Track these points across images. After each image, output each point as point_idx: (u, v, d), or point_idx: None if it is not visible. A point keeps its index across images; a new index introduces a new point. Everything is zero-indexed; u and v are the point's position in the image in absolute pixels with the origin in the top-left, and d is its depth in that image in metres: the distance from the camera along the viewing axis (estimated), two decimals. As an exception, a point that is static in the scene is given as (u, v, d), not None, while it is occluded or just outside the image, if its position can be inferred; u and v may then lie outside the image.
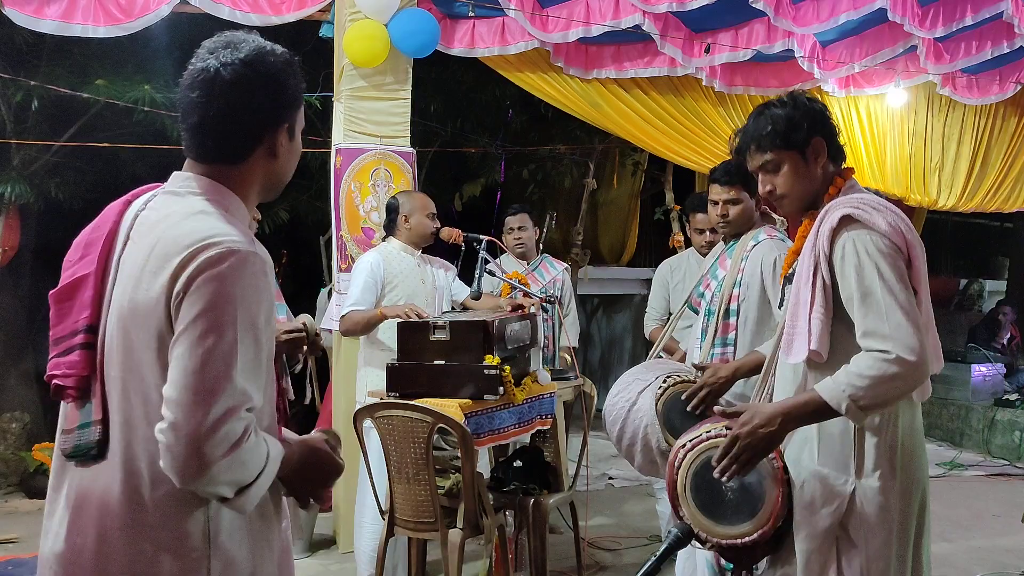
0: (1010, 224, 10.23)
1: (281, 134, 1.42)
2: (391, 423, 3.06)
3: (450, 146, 7.56)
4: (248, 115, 1.38)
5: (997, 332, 8.26)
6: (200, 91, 1.36)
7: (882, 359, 1.75)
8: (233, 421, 1.24)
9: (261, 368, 1.32)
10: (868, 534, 1.87)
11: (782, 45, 5.15)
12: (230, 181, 1.41)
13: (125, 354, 1.32)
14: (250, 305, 1.29)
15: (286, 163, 1.46)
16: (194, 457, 1.22)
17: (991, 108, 6.58)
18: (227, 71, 1.35)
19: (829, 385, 1.80)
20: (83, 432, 1.34)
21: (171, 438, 1.23)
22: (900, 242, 1.84)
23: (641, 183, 8.97)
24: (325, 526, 4.59)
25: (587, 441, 3.86)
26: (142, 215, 1.40)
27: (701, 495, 1.94)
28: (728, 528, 1.92)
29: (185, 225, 1.32)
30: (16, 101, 5.45)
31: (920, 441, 1.97)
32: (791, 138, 1.99)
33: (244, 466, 1.27)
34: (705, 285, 3.19)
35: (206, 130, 1.38)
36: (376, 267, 3.57)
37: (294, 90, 1.44)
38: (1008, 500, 5.32)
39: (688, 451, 1.99)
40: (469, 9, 4.75)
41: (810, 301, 1.88)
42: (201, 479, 1.24)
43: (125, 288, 1.33)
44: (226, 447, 1.23)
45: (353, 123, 4.40)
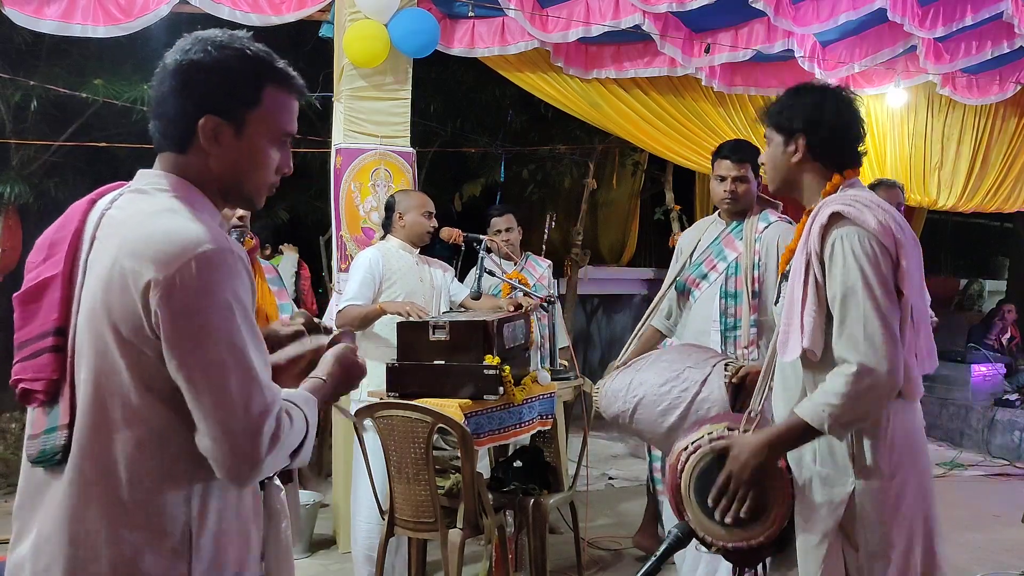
0: (1010, 224, 10.24)
1: (215, 124, 1.37)
2: (391, 423, 3.06)
3: (450, 146, 7.56)
4: (177, 98, 1.37)
5: (992, 330, 8.25)
6: (154, 78, 1.41)
7: (851, 374, 1.78)
8: (271, 418, 1.27)
9: (265, 355, 1.35)
10: (868, 534, 1.87)
11: (782, 45, 5.15)
12: (186, 173, 1.40)
13: (99, 357, 1.29)
14: (240, 302, 1.29)
15: (233, 163, 1.41)
16: (247, 462, 1.26)
17: (991, 108, 6.57)
18: (169, 57, 1.38)
19: (807, 406, 1.83)
20: (49, 437, 1.32)
21: (221, 452, 1.26)
22: (889, 242, 1.84)
23: (641, 183, 8.97)
24: (325, 526, 4.59)
25: (587, 441, 3.85)
26: (108, 214, 1.37)
27: (705, 497, 1.94)
28: (732, 531, 1.92)
29: (155, 224, 1.30)
30: (15, 101, 5.46)
31: (920, 439, 1.96)
32: (780, 122, 2.04)
33: (289, 445, 1.32)
34: (710, 266, 3.18)
35: (152, 114, 1.42)
36: (375, 263, 3.57)
37: (234, 85, 1.39)
38: (1008, 500, 5.32)
39: (691, 454, 1.99)
40: (469, 9, 4.74)
41: (802, 299, 1.89)
42: (256, 476, 1.30)
43: (95, 290, 1.30)
44: (269, 442, 1.27)
45: (353, 123, 4.40)
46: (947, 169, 6.68)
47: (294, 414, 1.34)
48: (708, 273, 3.22)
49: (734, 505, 1.88)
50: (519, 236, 4.56)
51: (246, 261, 1.34)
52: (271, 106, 1.42)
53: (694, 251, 3.28)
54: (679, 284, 3.29)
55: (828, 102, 2.00)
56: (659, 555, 1.69)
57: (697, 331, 3.20)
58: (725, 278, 3.16)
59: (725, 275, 3.16)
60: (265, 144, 1.43)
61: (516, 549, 3.64)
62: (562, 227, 7.76)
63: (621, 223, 9.09)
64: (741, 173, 3.16)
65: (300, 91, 1.48)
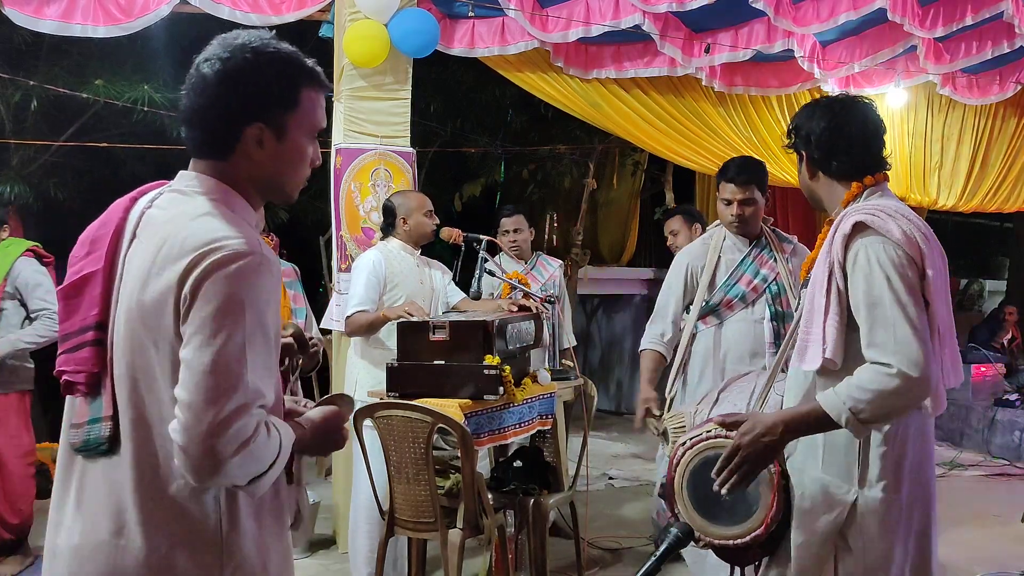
0: (1010, 224, 10.24)
1: (259, 131, 1.41)
2: (391, 423, 3.06)
3: (450, 146, 7.56)
4: (221, 109, 1.39)
5: (999, 332, 8.25)
6: (187, 85, 1.42)
7: (884, 373, 1.74)
8: (244, 418, 1.27)
9: (272, 366, 1.37)
10: (867, 544, 1.86)
11: (782, 45, 5.14)
12: (227, 178, 1.43)
13: (134, 353, 1.34)
14: (258, 305, 1.32)
15: (273, 163, 1.44)
16: (208, 456, 1.25)
17: (991, 108, 6.57)
18: (207, 66, 1.39)
19: (831, 396, 1.79)
20: (93, 427, 1.36)
21: (184, 438, 1.26)
22: (914, 252, 1.82)
23: (641, 183, 8.97)
24: (325, 526, 4.59)
25: (587, 441, 3.85)
26: (148, 212, 1.41)
27: (697, 494, 1.94)
28: (722, 529, 1.93)
29: (192, 227, 1.34)
30: (15, 101, 5.46)
31: (929, 452, 1.95)
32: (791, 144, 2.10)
33: (257, 460, 1.30)
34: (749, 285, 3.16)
35: (190, 123, 1.42)
36: (378, 264, 3.56)
37: (277, 91, 1.42)
38: (1008, 500, 5.32)
39: (688, 449, 1.99)
40: (469, 9, 4.74)
41: (824, 308, 1.87)
42: (215, 477, 1.27)
43: (132, 287, 1.35)
44: (237, 444, 1.26)
45: (353, 123, 4.40)
46: (947, 169, 6.68)
47: (272, 433, 1.34)
48: (747, 293, 3.17)
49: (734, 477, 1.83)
50: (530, 236, 4.58)
51: (276, 266, 1.38)
52: (307, 106, 1.46)
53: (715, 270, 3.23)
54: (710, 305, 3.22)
55: (821, 116, 2.00)
56: (659, 555, 1.69)
57: (740, 355, 3.14)
58: (772, 298, 3.13)
59: (769, 295, 3.13)
60: (303, 143, 1.47)
61: (516, 549, 3.65)
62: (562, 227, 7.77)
63: (621, 223, 9.08)
64: (747, 195, 3.14)
65: (328, 87, 1.52)
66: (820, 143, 2.00)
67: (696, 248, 3.37)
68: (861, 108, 2.03)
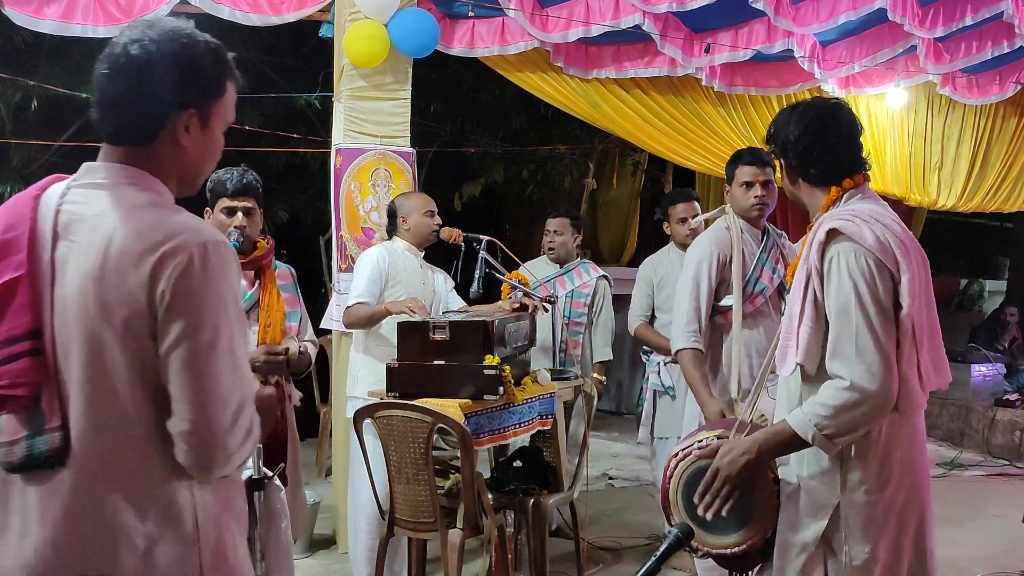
0: (1010, 224, 10.24)
1: (187, 118, 1.39)
2: (390, 423, 3.06)
3: (450, 146, 7.56)
4: (149, 92, 1.35)
5: (1001, 333, 8.25)
6: (107, 65, 1.36)
7: (840, 388, 1.77)
8: (248, 411, 1.32)
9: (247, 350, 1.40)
10: (852, 549, 1.85)
11: (782, 45, 5.15)
12: (147, 166, 1.39)
13: (94, 356, 1.28)
14: (235, 294, 1.34)
15: (198, 154, 1.43)
16: (220, 453, 1.29)
17: (991, 108, 6.57)
18: (134, 47, 1.35)
19: (797, 415, 1.82)
20: (36, 441, 1.28)
21: (195, 440, 1.28)
22: (888, 258, 1.82)
23: (641, 183, 8.97)
24: (325, 526, 4.59)
25: (587, 441, 3.85)
26: (67, 210, 1.34)
27: (692, 504, 1.94)
28: (718, 538, 1.94)
29: (141, 219, 1.31)
30: (15, 101, 5.46)
31: (917, 452, 1.94)
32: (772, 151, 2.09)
33: (251, 448, 1.36)
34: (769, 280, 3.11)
35: (117, 106, 1.37)
36: (381, 260, 3.56)
37: (208, 77, 1.40)
38: (1008, 500, 5.32)
39: (680, 460, 2.00)
40: (469, 9, 4.74)
41: (799, 314, 1.89)
42: (225, 469, 1.32)
43: (83, 288, 1.29)
44: (243, 437, 1.31)
45: (353, 123, 4.40)
46: (947, 169, 6.68)
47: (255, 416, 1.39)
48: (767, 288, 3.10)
49: (716, 502, 1.87)
50: (572, 241, 4.53)
51: (235, 255, 1.39)
52: (228, 97, 1.46)
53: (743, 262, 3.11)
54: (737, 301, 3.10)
55: (796, 123, 1.99)
56: (659, 555, 1.69)
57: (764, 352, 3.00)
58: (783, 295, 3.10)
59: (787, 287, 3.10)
60: (220, 133, 1.47)
61: (516, 549, 3.65)
62: (562, 227, 7.74)
63: (621, 223, 9.09)
64: (768, 176, 3.10)
65: (239, 80, 1.51)
66: (797, 151, 1.99)
67: (721, 235, 3.16)
68: (836, 112, 2.01)
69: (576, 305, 4.47)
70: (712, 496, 1.88)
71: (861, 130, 2.03)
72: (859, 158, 2.01)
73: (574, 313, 4.46)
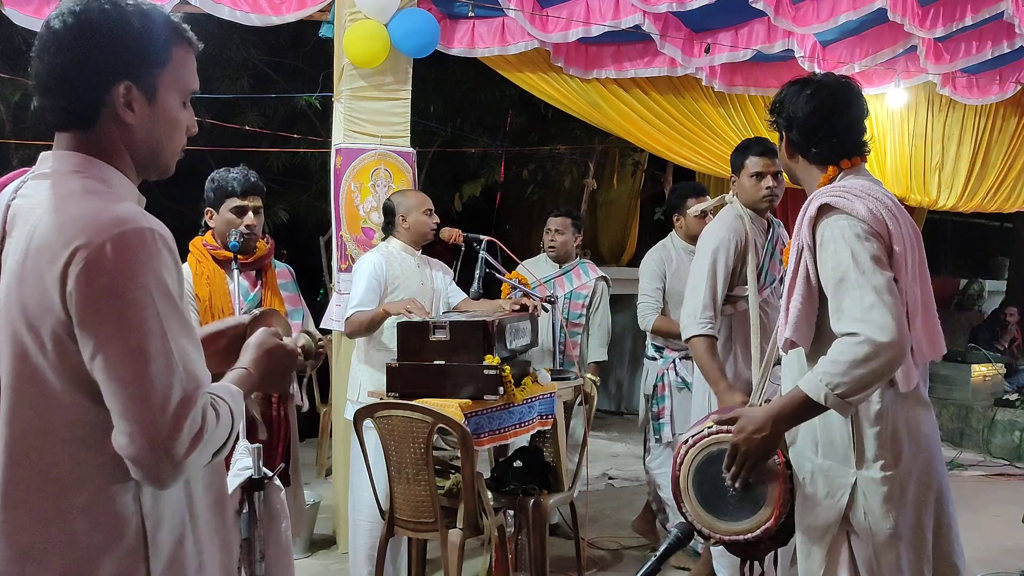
0: (1010, 224, 10.23)
1: (127, 90, 1.27)
2: (391, 423, 3.06)
3: (450, 146, 7.56)
4: (83, 67, 1.24)
5: (1001, 333, 8.25)
6: (37, 46, 1.26)
7: (853, 342, 1.75)
8: (192, 412, 1.17)
9: (197, 341, 1.26)
10: (874, 525, 1.86)
11: (782, 45, 5.15)
12: (95, 150, 1.28)
13: (18, 360, 1.20)
14: (162, 282, 1.19)
15: (145, 128, 1.30)
16: (165, 462, 1.16)
17: (991, 108, 6.57)
18: (58, 21, 1.24)
19: (808, 378, 1.81)
20: None
21: (135, 450, 1.15)
22: (880, 228, 1.83)
23: (641, 183, 8.97)
24: (325, 526, 4.59)
25: (587, 441, 3.85)
26: (15, 204, 1.27)
27: (704, 491, 1.95)
28: (731, 524, 1.93)
29: (64, 212, 1.19)
30: (15, 101, 5.46)
31: (927, 432, 1.95)
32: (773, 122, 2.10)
33: (214, 442, 1.22)
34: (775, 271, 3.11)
35: (47, 89, 1.27)
36: (379, 267, 3.56)
37: (142, 45, 1.27)
38: (1008, 500, 5.32)
39: (691, 447, 1.99)
40: (469, 9, 4.74)
41: (789, 289, 1.90)
42: (177, 477, 1.19)
43: (9, 288, 1.21)
44: (191, 440, 1.17)
45: (353, 123, 4.40)
46: (947, 169, 6.68)
47: (220, 409, 1.24)
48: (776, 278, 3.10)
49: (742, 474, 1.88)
50: (572, 240, 4.52)
51: (169, 240, 1.24)
52: (178, 63, 1.33)
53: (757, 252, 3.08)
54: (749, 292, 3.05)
55: (807, 100, 1.99)
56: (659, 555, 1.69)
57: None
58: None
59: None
60: (177, 106, 1.34)
61: (516, 549, 3.65)
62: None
63: (621, 223, 9.08)
64: (778, 167, 3.06)
65: (197, 45, 1.39)
66: (803, 128, 2.00)
67: (736, 223, 3.11)
68: (847, 94, 2.01)
69: (575, 306, 4.46)
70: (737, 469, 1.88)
71: (867, 113, 2.05)
72: (861, 142, 2.02)
73: (572, 314, 4.45)
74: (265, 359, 1.42)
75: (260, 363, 1.42)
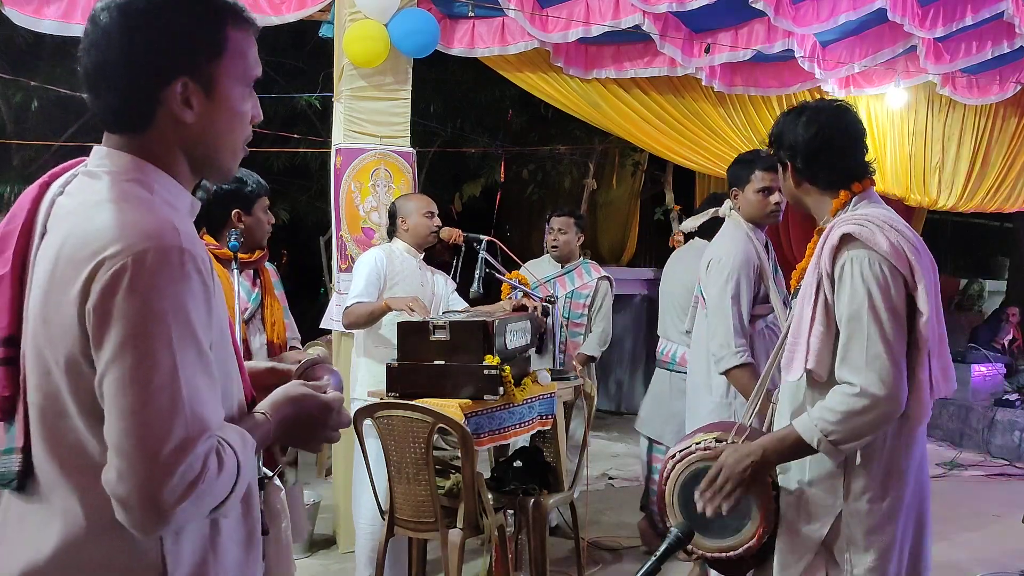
0: (1010, 224, 10.25)
1: (184, 87, 1.15)
2: (391, 423, 3.06)
3: (450, 146, 7.57)
4: (126, 68, 1.13)
5: (1001, 333, 8.26)
6: (85, 43, 1.16)
7: (850, 394, 1.76)
8: (189, 457, 1.05)
9: (214, 380, 1.13)
10: (854, 556, 1.85)
11: (782, 45, 5.15)
12: (147, 152, 1.17)
13: (43, 377, 1.12)
14: (183, 311, 1.08)
15: (206, 125, 1.18)
16: (151, 509, 1.04)
17: (991, 108, 6.58)
18: (104, 16, 1.13)
19: (804, 420, 1.82)
20: (4, 459, 1.15)
21: (121, 490, 1.04)
22: (902, 264, 1.81)
23: (641, 183, 8.98)
24: (325, 526, 4.59)
25: (587, 441, 3.85)
26: (59, 201, 1.17)
27: (689, 507, 1.94)
28: (715, 541, 1.93)
29: (95, 220, 1.09)
30: (16, 101, 5.46)
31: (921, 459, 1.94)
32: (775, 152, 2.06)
33: (211, 495, 1.09)
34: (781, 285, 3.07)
35: (96, 89, 1.17)
36: (380, 262, 3.57)
37: (196, 37, 1.16)
38: (1008, 500, 5.32)
39: (677, 462, 1.99)
40: (469, 9, 4.75)
41: (811, 319, 1.87)
42: (162, 527, 1.06)
43: (36, 298, 1.12)
44: (183, 489, 1.04)
45: (353, 123, 4.40)
46: (947, 169, 6.68)
47: (225, 457, 1.10)
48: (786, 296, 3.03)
49: (717, 498, 1.85)
50: (574, 240, 4.52)
51: (201, 262, 1.12)
52: (237, 49, 1.20)
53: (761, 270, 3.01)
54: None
55: (805, 126, 1.97)
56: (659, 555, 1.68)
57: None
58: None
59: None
60: (238, 96, 1.21)
61: (516, 549, 3.65)
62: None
63: (621, 223, 9.10)
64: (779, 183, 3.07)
65: (257, 26, 1.26)
66: (806, 154, 1.98)
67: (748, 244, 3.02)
68: (844, 116, 2.00)
69: (576, 306, 4.46)
70: (712, 492, 1.86)
71: (865, 133, 2.04)
72: (865, 162, 2.01)
73: (573, 314, 4.45)
74: (288, 406, 1.27)
75: (280, 410, 1.27)
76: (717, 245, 3.12)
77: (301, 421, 1.29)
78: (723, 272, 2.97)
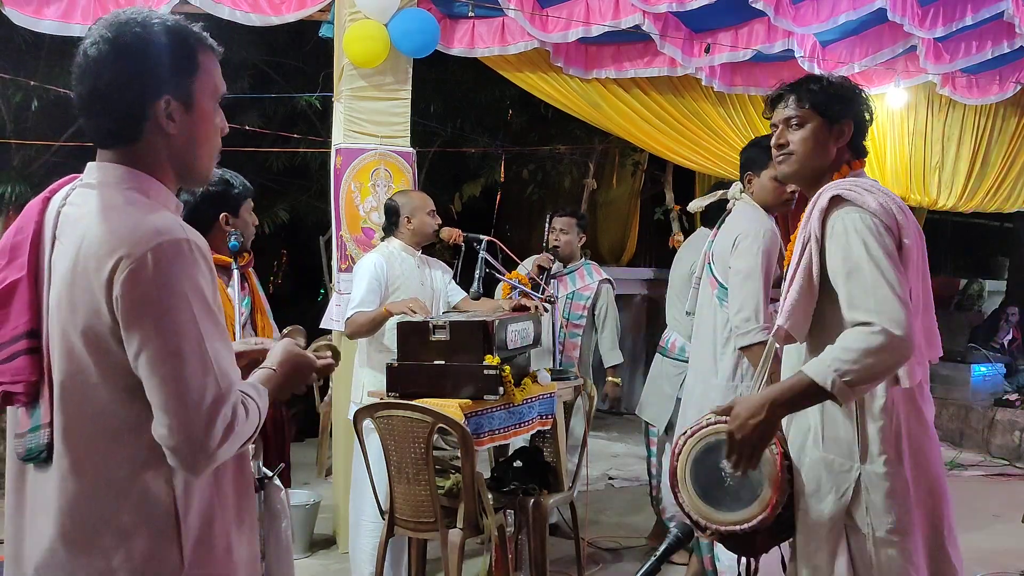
0: (1010, 224, 10.24)
1: (167, 103, 1.36)
2: (391, 423, 3.06)
3: (450, 146, 7.57)
4: (118, 92, 1.35)
5: (1000, 333, 8.25)
6: (77, 73, 1.37)
7: (867, 332, 1.75)
8: (224, 409, 1.29)
9: (228, 342, 1.38)
10: (875, 520, 1.86)
11: (782, 45, 5.15)
12: (139, 163, 1.38)
13: (66, 357, 1.32)
14: (199, 289, 1.31)
15: (186, 136, 1.40)
16: (200, 453, 1.28)
17: (991, 108, 6.57)
18: (94, 49, 1.34)
19: (816, 363, 1.80)
20: (33, 436, 1.35)
21: (174, 442, 1.28)
22: (891, 222, 1.85)
23: (641, 183, 8.98)
24: (325, 526, 4.59)
25: (587, 441, 3.86)
26: (64, 212, 1.38)
27: (700, 481, 1.95)
28: (726, 515, 1.93)
29: (107, 223, 1.31)
30: (16, 101, 5.46)
31: (928, 434, 1.95)
32: (830, 106, 2.01)
33: (242, 436, 1.34)
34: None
35: (91, 112, 1.38)
36: (380, 268, 3.56)
37: (175, 59, 1.37)
38: (1008, 500, 5.32)
39: (689, 437, 1.99)
40: (469, 9, 4.75)
41: (791, 278, 1.90)
42: (209, 466, 1.32)
43: (60, 290, 1.33)
44: (223, 433, 1.29)
45: (353, 123, 4.40)
46: (947, 169, 6.67)
47: (249, 405, 1.36)
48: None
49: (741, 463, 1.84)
50: (576, 241, 4.52)
51: (204, 250, 1.35)
52: (207, 69, 1.42)
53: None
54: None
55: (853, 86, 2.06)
56: (659, 555, 1.69)
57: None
58: None
59: None
60: (210, 109, 1.43)
61: (516, 549, 3.65)
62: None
63: (621, 223, 9.09)
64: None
65: (218, 50, 1.47)
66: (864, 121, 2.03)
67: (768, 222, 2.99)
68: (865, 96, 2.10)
69: (576, 307, 4.47)
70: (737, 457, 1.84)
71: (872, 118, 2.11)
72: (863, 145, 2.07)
73: (573, 315, 4.45)
74: (289, 364, 1.54)
75: (284, 366, 1.53)
76: (743, 221, 3.03)
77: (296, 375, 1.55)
78: (754, 246, 2.91)
